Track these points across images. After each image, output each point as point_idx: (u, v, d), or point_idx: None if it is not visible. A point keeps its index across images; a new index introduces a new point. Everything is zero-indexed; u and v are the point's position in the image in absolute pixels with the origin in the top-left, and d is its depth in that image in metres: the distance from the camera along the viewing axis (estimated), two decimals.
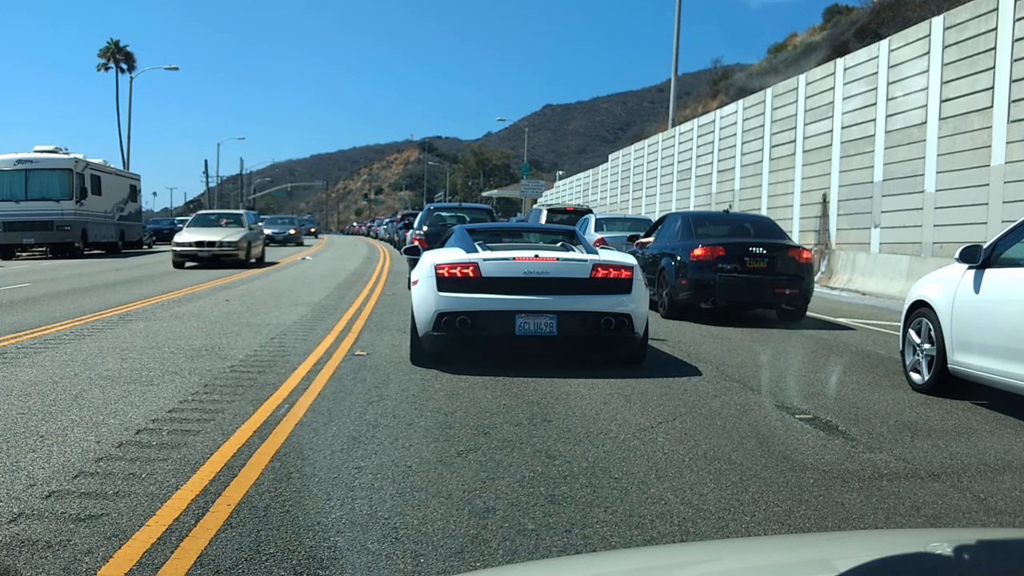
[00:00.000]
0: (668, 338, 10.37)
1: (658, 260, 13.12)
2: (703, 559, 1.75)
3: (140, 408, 6.13)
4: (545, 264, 7.77)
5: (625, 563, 1.75)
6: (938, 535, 2.23)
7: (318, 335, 10.17)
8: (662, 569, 1.61)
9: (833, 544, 1.91)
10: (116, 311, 12.47)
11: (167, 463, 4.74)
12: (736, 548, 2.04)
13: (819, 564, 1.56)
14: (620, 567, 1.69)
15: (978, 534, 2.13)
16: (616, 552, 3.18)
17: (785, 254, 12.24)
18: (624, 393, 6.93)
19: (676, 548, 2.86)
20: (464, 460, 4.90)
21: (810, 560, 1.62)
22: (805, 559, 1.63)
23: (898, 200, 19.25)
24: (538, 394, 6.79)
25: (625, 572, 1.65)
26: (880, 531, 3.68)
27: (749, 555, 1.73)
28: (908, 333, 7.44)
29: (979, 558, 1.48)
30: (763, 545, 2.16)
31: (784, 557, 1.66)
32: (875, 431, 5.87)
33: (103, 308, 12.81)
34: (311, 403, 6.35)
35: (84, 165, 33.00)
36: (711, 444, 5.39)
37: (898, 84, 19.51)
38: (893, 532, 3.28)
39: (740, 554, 1.77)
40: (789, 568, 1.56)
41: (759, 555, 1.72)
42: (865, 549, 1.53)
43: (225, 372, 7.64)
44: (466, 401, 6.52)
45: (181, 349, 8.92)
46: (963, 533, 2.29)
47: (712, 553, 1.89)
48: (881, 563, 1.40)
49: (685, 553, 2.02)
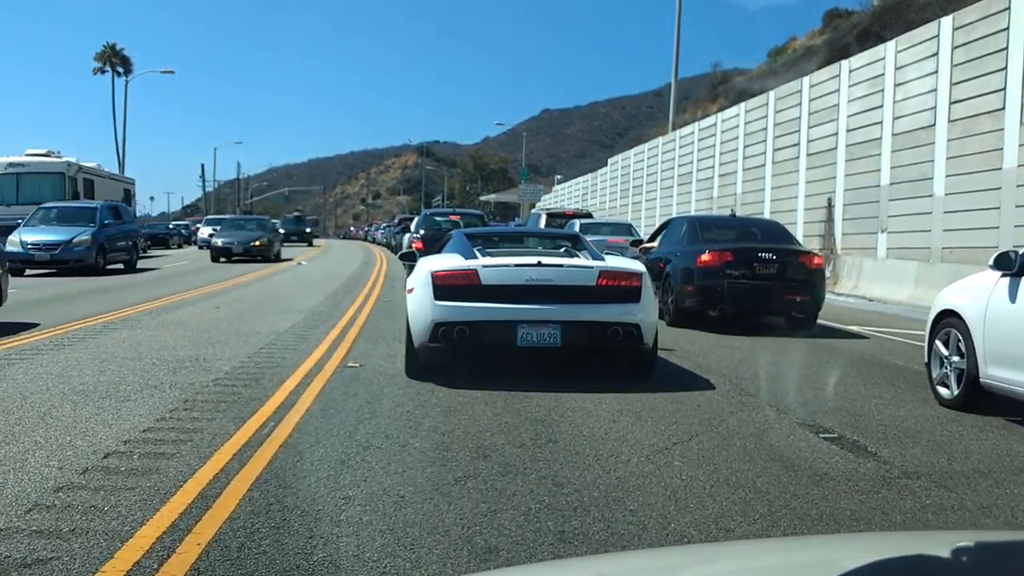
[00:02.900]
0: (675, 347, 9.92)
1: (663, 266, 12.67)
2: (702, 561, 1.72)
3: (112, 427, 5.67)
4: (548, 271, 7.35)
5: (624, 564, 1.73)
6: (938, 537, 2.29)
7: (310, 344, 9.71)
8: (661, 570, 1.58)
9: (833, 546, 1.89)
10: (101, 319, 12.00)
11: (134, 493, 4.28)
12: (735, 550, 2.04)
13: (819, 566, 1.53)
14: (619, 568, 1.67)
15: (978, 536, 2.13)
16: (615, 554, 3.19)
17: (796, 260, 11.80)
18: (634, 409, 6.48)
19: (675, 550, 2.85)
20: (463, 488, 4.45)
21: (810, 562, 1.59)
22: (805, 561, 1.60)
23: (905, 204, 18.83)
24: (542, 411, 6.34)
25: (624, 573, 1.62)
26: (880, 533, 3.64)
27: (748, 557, 1.71)
28: (935, 344, 6.99)
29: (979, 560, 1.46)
30: (762, 547, 2.14)
31: (783, 559, 1.64)
32: (907, 452, 5.41)
33: (88, 315, 12.35)
34: (298, 421, 5.90)
35: (77, 169, 32.50)
36: (732, 469, 4.94)
37: (905, 86, 19.10)
38: (893, 534, 3.24)
39: (739, 556, 1.75)
40: (789, 570, 1.53)
41: (758, 557, 1.70)
42: (865, 551, 1.51)
43: (208, 386, 7.18)
44: (464, 419, 6.07)
45: (164, 360, 8.45)
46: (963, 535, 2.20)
47: (711, 555, 1.88)
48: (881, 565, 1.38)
49: (684, 555, 2.01)
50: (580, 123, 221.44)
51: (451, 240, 8.90)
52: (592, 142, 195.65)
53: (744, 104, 28.91)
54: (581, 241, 8.90)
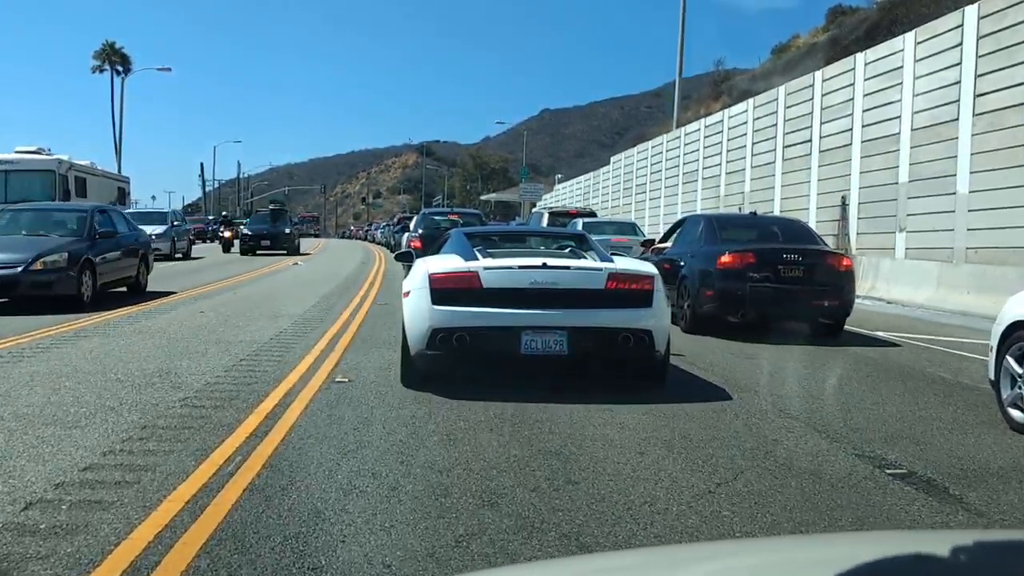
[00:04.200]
0: (696, 358, 9.05)
1: (678, 268, 11.77)
2: (704, 557, 1.70)
3: (49, 464, 4.78)
4: (554, 273, 6.81)
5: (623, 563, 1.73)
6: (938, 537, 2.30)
7: (296, 355, 8.82)
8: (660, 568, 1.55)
9: (832, 545, 1.85)
10: (73, 325, 11.10)
11: (47, 564, 3.39)
12: (735, 548, 2.03)
13: (818, 564, 1.48)
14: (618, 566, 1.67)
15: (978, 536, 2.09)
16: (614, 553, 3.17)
17: (823, 261, 10.91)
18: (663, 437, 5.59)
19: (675, 548, 2.83)
20: (465, 552, 3.57)
21: (809, 561, 1.55)
22: (804, 560, 1.56)
23: (926, 202, 17.93)
24: (556, 440, 5.45)
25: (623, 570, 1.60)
26: (880, 532, 3.60)
27: (747, 555, 1.67)
28: (1005, 361, 6.10)
29: (979, 560, 1.41)
30: (761, 546, 2.11)
31: (782, 557, 1.61)
32: (999, 498, 4.52)
33: (60, 322, 11.46)
34: (271, 454, 5.01)
35: (68, 166, 31.57)
36: (795, 519, 4.05)
37: (925, 79, 18.19)
38: (893, 534, 3.21)
39: (738, 554, 1.72)
40: (787, 568, 1.51)
41: (757, 555, 1.66)
42: (864, 550, 1.45)
43: (174, 407, 6.29)
44: (466, 451, 5.18)
45: (130, 375, 7.56)
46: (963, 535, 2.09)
47: (710, 553, 1.87)
48: (880, 564, 1.35)
49: (684, 553, 2.01)
50: (579, 123, 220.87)
51: (450, 239, 8.34)
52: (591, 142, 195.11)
53: (752, 100, 28.02)
54: (587, 241, 8.33)
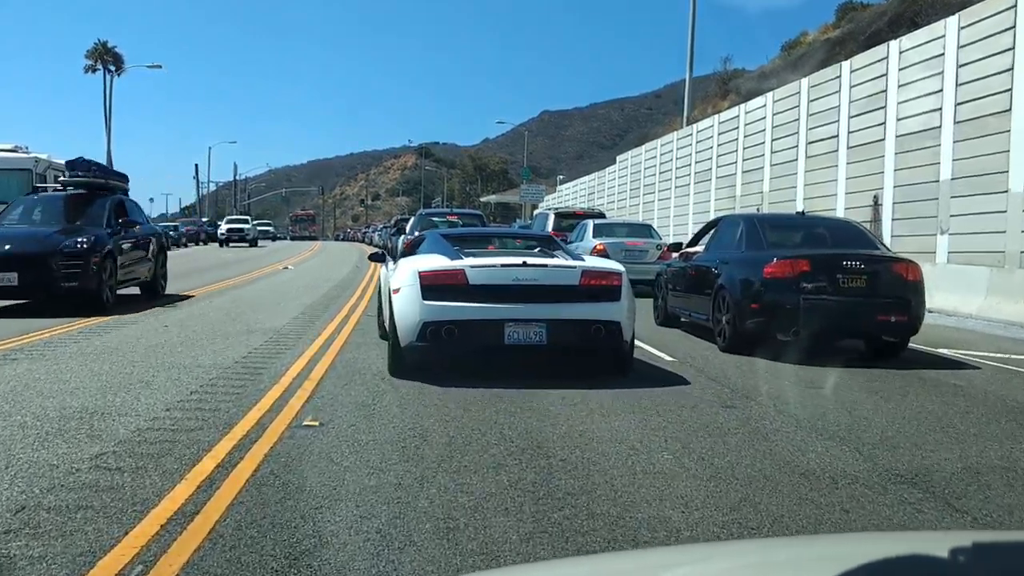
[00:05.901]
0: (748, 389, 7.44)
1: (713, 276, 10.16)
2: (703, 558, 1.69)
3: None
4: (534, 271, 7.53)
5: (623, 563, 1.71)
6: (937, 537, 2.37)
7: (261, 386, 7.22)
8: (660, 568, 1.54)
9: (830, 545, 1.84)
10: (11, 342, 9.48)
11: None
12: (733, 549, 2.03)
13: (818, 564, 1.47)
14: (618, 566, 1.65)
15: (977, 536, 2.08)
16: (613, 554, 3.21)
17: (888, 269, 9.29)
18: (721, 474, 3.99)
19: (672, 549, 2.83)
20: None
21: (807, 560, 1.54)
22: (802, 559, 1.55)
23: (973, 202, 16.31)
24: (578, 516, 3.85)
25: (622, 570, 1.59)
26: (879, 533, 3.57)
27: (745, 556, 1.66)
28: None
29: (978, 560, 1.38)
30: (759, 546, 2.09)
31: (780, 557, 1.59)
32: None
33: (8, 335, 9.86)
34: (185, 563, 3.41)
35: (47, 166, 29.92)
36: None
37: (971, 66, 16.58)
38: (892, 534, 3.18)
39: (736, 555, 1.69)
40: (787, 567, 1.49)
41: (754, 555, 1.65)
42: (862, 550, 1.44)
43: (78, 471, 4.68)
44: (473, 546, 3.57)
45: (42, 416, 5.95)
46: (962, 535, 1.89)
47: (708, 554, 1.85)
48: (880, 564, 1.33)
49: (681, 554, 2.01)
50: (579, 125, 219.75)
51: (427, 241, 8.92)
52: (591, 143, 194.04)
53: (772, 94, 26.40)
54: (554, 242, 9.20)
